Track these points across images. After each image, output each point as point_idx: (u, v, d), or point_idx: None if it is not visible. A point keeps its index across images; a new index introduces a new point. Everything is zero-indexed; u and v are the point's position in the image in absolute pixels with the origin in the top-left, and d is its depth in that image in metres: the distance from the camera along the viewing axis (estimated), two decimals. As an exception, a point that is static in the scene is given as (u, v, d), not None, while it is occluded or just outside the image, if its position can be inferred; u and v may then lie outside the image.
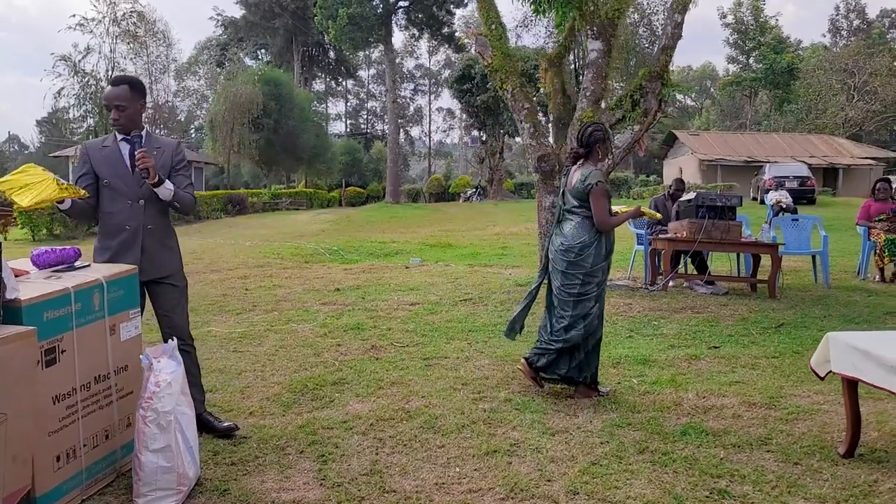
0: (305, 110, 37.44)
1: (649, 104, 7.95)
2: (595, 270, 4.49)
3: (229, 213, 27.82)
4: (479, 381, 4.74)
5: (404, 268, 10.73)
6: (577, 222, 4.51)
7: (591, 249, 4.47)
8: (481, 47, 8.73)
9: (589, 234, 4.49)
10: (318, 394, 4.47)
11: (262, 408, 4.22)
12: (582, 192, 4.47)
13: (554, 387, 4.61)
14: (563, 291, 4.50)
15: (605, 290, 4.63)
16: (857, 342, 3.43)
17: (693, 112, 69.58)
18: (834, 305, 7.53)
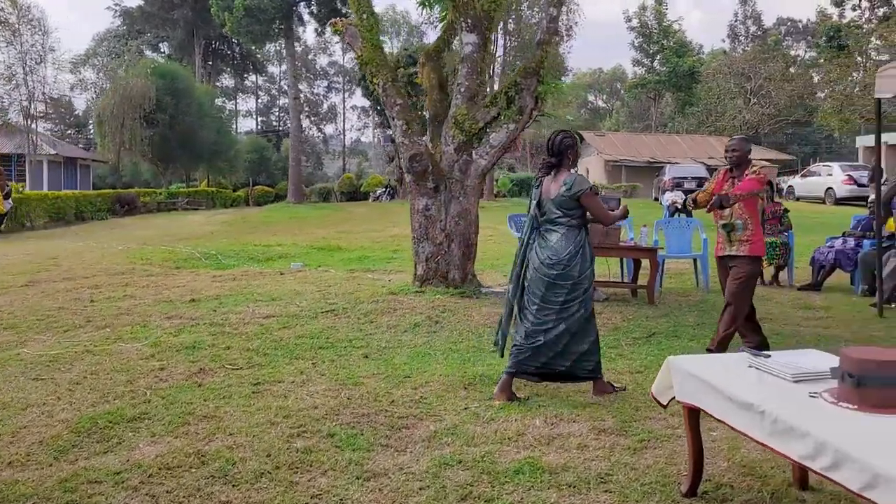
0: (205, 106, 35.84)
1: (524, 102, 7.56)
2: (582, 279, 4.51)
3: (117, 213, 26.24)
4: (306, 411, 4.17)
5: (279, 274, 10.04)
6: (562, 233, 4.52)
7: (578, 258, 4.49)
8: (351, 38, 8.16)
9: (574, 243, 4.51)
10: (106, 434, 3.80)
11: (30, 455, 3.52)
12: (568, 201, 4.49)
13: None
14: (547, 301, 4.49)
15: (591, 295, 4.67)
16: (696, 370, 3.05)
17: (604, 113, 71.01)
18: (709, 312, 7.33)
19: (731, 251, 5.41)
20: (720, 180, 5.52)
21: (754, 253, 5.36)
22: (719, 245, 5.53)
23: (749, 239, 5.33)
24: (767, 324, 6.75)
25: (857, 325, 6.75)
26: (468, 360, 5.37)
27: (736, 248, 5.39)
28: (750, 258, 5.36)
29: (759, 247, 5.39)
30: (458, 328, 6.37)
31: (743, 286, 5.36)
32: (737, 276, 5.37)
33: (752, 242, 5.34)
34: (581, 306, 4.50)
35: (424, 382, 4.80)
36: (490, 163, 7.72)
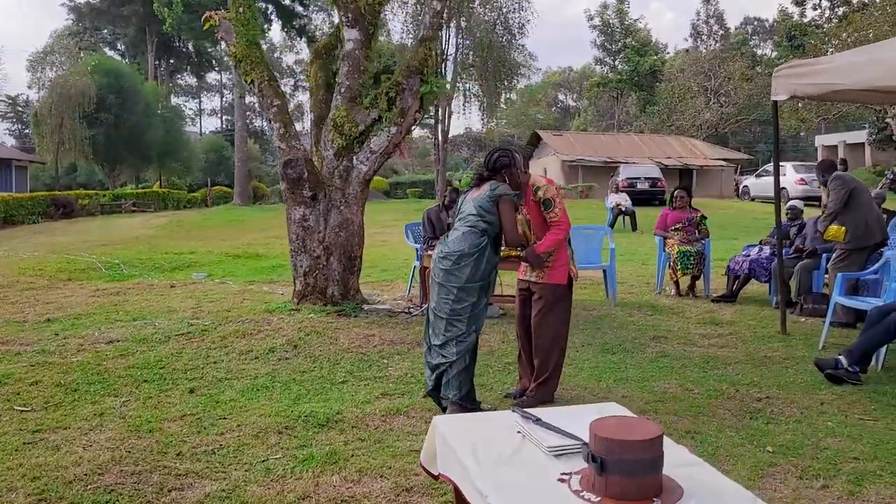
0: (153, 105, 34.84)
1: (406, 103, 6.97)
2: (469, 288, 4.21)
3: (52, 217, 25.23)
4: (66, 469, 3.54)
5: (170, 287, 9.36)
6: (463, 231, 4.30)
7: (470, 261, 4.22)
8: (226, 33, 7.52)
9: (470, 244, 4.24)
10: None
11: None
12: (486, 201, 4.30)
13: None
14: (439, 307, 4.29)
15: (481, 316, 4.33)
16: (453, 436, 2.48)
17: (574, 112, 70.77)
18: (606, 328, 6.82)
19: (531, 276, 4.73)
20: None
21: (555, 281, 4.65)
22: (522, 267, 4.85)
23: (551, 264, 4.65)
24: (661, 343, 6.27)
25: (756, 344, 6.27)
26: (304, 396, 4.78)
27: (536, 274, 4.68)
28: (551, 286, 4.65)
29: (562, 273, 4.66)
30: (317, 354, 5.77)
31: (545, 318, 4.65)
32: (538, 307, 4.68)
33: (553, 268, 4.64)
34: (468, 326, 4.25)
35: (237, 426, 4.20)
36: (371, 169, 7.11)
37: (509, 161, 4.44)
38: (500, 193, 4.31)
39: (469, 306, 4.27)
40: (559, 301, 4.67)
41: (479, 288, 4.27)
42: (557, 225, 4.62)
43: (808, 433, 4.16)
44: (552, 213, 4.61)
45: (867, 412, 4.52)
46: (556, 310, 4.66)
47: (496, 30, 29.50)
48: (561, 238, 4.65)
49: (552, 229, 4.62)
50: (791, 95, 5.74)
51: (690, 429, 4.22)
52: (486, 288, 4.32)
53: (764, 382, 5.17)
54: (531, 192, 4.64)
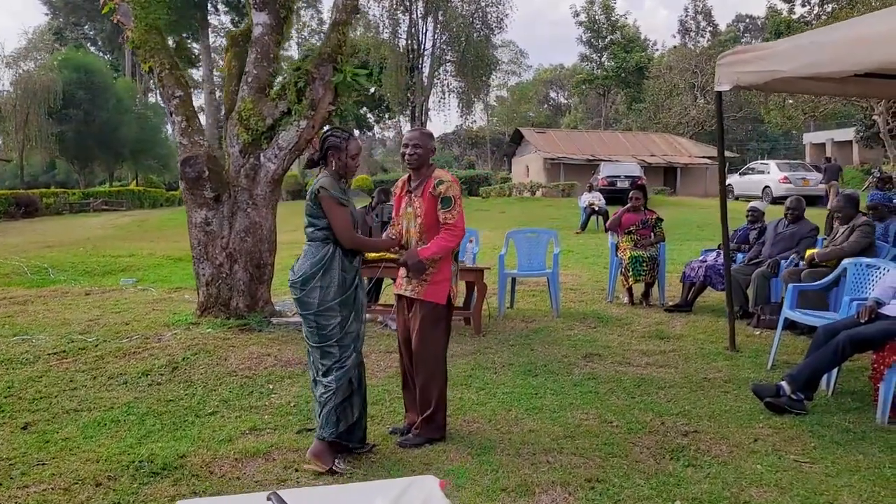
0: (125, 101, 34.01)
1: (317, 94, 6.27)
2: (327, 311, 3.59)
3: (13, 216, 24.46)
4: None
5: (84, 294, 8.66)
6: (305, 249, 3.72)
7: (316, 283, 3.60)
8: (123, 17, 6.83)
9: (312, 263, 3.62)
10: None
11: None
12: (311, 206, 3.67)
13: None
14: (309, 338, 3.70)
15: (353, 333, 3.69)
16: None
17: (566, 109, 70.06)
18: (537, 344, 6.15)
19: (406, 289, 4.02)
20: (398, 196, 4.15)
21: (432, 298, 3.94)
22: (400, 274, 4.11)
23: (430, 278, 3.94)
24: (593, 362, 5.60)
25: (699, 363, 5.60)
26: (155, 433, 4.10)
27: (413, 287, 3.98)
28: (428, 304, 3.94)
29: (442, 290, 3.95)
30: (195, 378, 5.08)
31: (423, 338, 3.95)
32: (416, 324, 3.97)
33: (433, 283, 3.94)
34: (340, 349, 3.66)
35: (50, 475, 3.52)
36: (281, 167, 6.42)
37: (338, 142, 3.76)
38: (317, 188, 3.64)
39: (336, 328, 3.64)
40: (437, 322, 3.97)
41: (340, 304, 3.62)
42: (451, 229, 3.92)
43: (730, 481, 3.50)
44: (449, 213, 3.91)
45: (806, 451, 3.86)
46: (435, 332, 3.97)
47: (473, 24, 28.80)
48: (452, 246, 3.96)
49: (444, 233, 3.92)
50: (734, 85, 5.08)
51: (594, 475, 3.56)
52: (349, 302, 3.65)
53: (696, 412, 4.51)
54: (432, 184, 3.93)
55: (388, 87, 29.70)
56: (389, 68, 29.09)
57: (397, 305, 4.18)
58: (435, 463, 3.70)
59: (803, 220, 7.22)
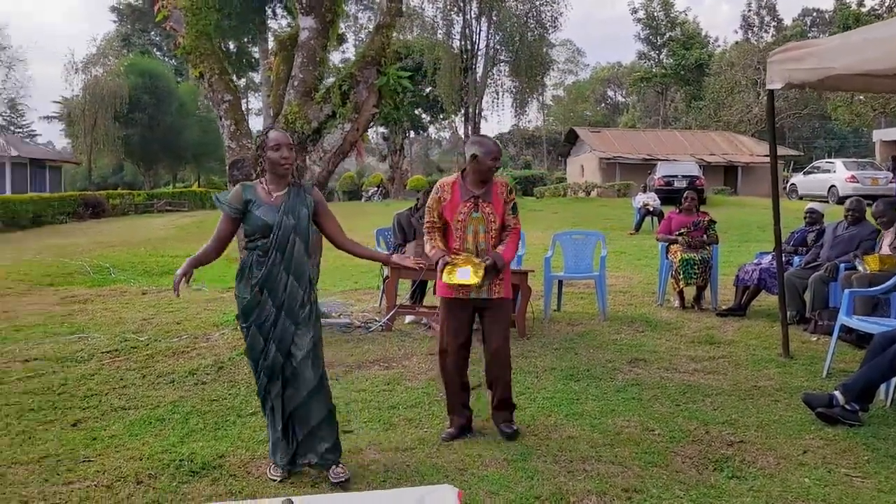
0: (188, 105, 34.96)
1: (360, 97, 6.31)
2: (243, 311, 3.49)
3: (82, 217, 25.35)
4: None
5: (141, 293, 8.92)
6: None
7: (239, 284, 3.53)
8: (176, 23, 6.99)
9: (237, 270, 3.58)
10: None
11: None
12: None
13: None
14: None
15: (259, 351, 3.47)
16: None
17: (623, 108, 69.02)
18: (579, 348, 6.06)
19: (483, 292, 4.03)
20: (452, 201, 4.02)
21: (507, 295, 4.16)
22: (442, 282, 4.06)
23: (503, 278, 4.08)
24: (638, 368, 5.48)
25: (749, 370, 5.43)
26: (198, 432, 4.18)
27: (491, 288, 4.02)
28: (507, 301, 4.17)
29: (508, 288, 4.15)
30: (239, 378, 5.17)
31: (507, 336, 4.16)
32: (501, 325, 4.13)
33: (504, 282, 4.10)
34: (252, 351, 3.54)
35: (94, 472, 3.61)
36: (325, 170, 6.49)
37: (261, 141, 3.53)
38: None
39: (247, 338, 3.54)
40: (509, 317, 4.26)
41: (251, 308, 3.46)
42: (517, 232, 4.17)
43: (775, 494, 3.37)
44: (516, 218, 4.14)
45: (858, 465, 3.69)
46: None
47: (528, 24, 28.60)
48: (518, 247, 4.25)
49: (513, 236, 4.11)
50: (786, 83, 4.90)
51: (631, 485, 3.47)
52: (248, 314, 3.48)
53: (743, 421, 4.37)
54: (499, 190, 4.05)
55: (442, 88, 29.78)
56: (444, 69, 29.16)
57: (451, 310, 4.10)
58: (470, 468, 3.67)
59: (864, 223, 6.93)
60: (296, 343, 3.46)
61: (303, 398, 3.47)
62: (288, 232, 3.41)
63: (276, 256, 3.40)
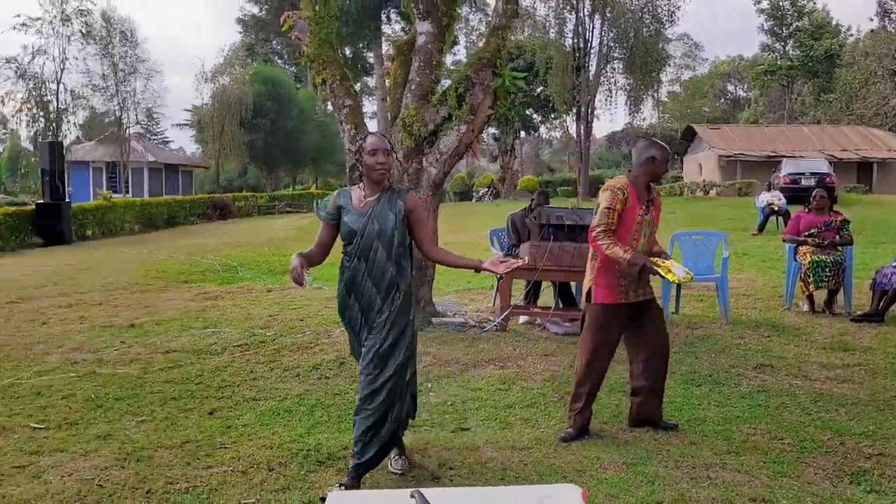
0: (307, 110, 36.35)
1: (476, 98, 6.37)
2: (339, 311, 3.67)
3: (211, 218, 26.86)
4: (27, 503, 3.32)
5: (266, 291, 9.37)
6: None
7: (338, 285, 3.60)
8: (300, 32, 7.29)
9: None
10: None
11: None
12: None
13: None
14: None
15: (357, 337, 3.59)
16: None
17: (744, 103, 66.03)
18: (700, 352, 5.88)
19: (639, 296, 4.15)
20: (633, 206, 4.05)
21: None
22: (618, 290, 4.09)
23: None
24: (764, 374, 5.27)
25: (889, 380, 5.10)
26: (322, 424, 4.36)
27: (647, 290, 4.19)
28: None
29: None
30: (360, 373, 5.33)
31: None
32: (657, 324, 4.25)
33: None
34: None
35: (231, 458, 3.84)
36: (442, 171, 6.60)
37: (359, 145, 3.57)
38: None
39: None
40: None
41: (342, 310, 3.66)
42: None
43: (920, 513, 3.16)
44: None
45: None
46: None
47: (643, 19, 27.90)
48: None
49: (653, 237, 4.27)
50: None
51: (759, 495, 3.35)
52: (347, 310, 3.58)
53: (882, 433, 4.12)
54: (655, 192, 4.22)
55: (553, 87, 29.55)
56: (555, 68, 28.92)
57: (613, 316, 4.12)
58: (588, 470, 3.65)
59: None
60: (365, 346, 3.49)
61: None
62: (371, 239, 3.40)
63: (360, 262, 3.42)
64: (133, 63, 28.11)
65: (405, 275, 3.50)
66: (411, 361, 3.57)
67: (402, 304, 3.47)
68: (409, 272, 3.54)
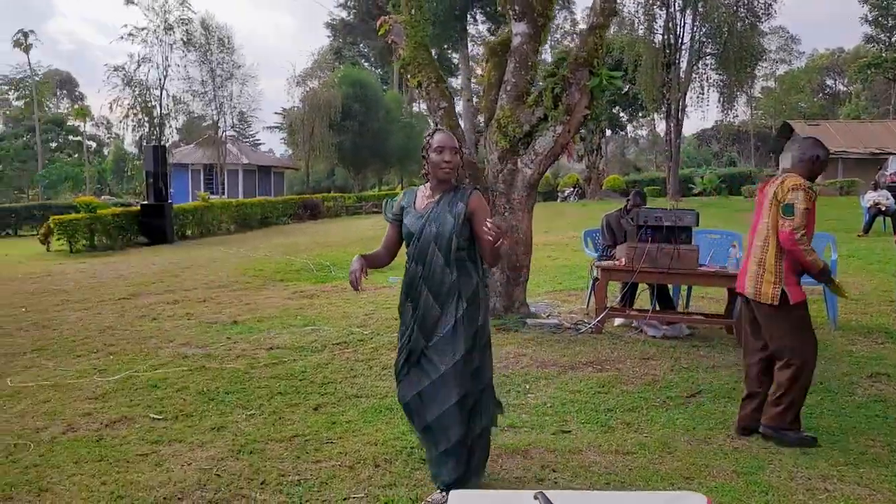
0: (393, 112, 36.87)
1: (573, 99, 6.32)
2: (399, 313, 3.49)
3: (301, 218, 27.61)
4: (151, 490, 3.51)
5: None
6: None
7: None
8: (396, 36, 7.42)
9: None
10: (-80, 502, 3.42)
11: None
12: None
13: None
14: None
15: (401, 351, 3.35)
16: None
17: (845, 98, 62.93)
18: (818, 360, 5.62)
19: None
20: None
21: None
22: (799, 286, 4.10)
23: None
24: (880, 383, 5.03)
25: None
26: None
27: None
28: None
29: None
30: (458, 373, 5.38)
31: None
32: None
33: None
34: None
35: (338, 453, 3.95)
36: (537, 172, 6.57)
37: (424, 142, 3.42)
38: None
39: None
40: None
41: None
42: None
43: None
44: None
45: None
46: None
47: (737, 13, 26.97)
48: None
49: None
50: None
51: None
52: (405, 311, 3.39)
53: None
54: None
55: (642, 85, 28.95)
56: (644, 65, 28.33)
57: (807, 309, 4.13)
58: (696, 478, 3.57)
59: None
60: (423, 363, 3.21)
61: (428, 422, 3.22)
62: (427, 242, 3.18)
63: (417, 266, 3.21)
64: (230, 69, 29.29)
65: (468, 282, 3.20)
66: (484, 371, 3.28)
67: (467, 313, 3.17)
68: (476, 279, 3.24)
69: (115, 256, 15.85)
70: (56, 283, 11.14)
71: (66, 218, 17.12)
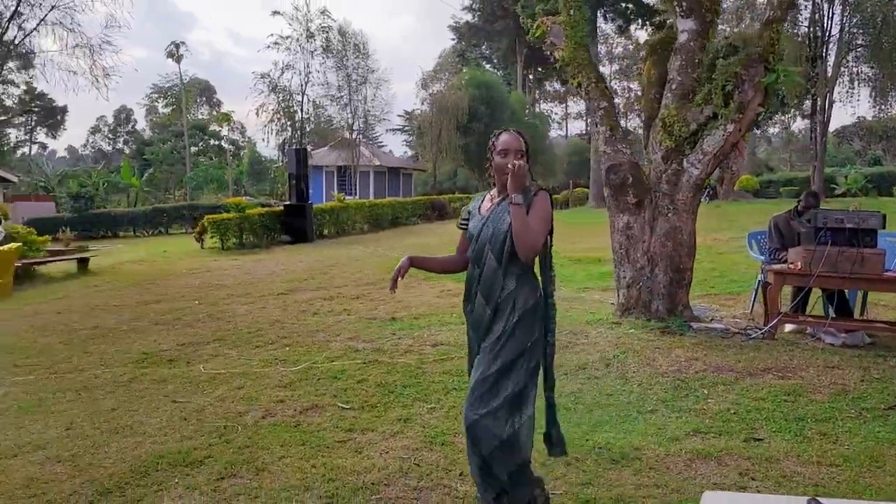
0: (518, 113, 36.89)
1: (746, 96, 6.11)
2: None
3: (430, 219, 28.12)
4: (356, 476, 3.70)
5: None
6: None
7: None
8: (555, 37, 7.44)
9: None
10: (159, 477, 3.75)
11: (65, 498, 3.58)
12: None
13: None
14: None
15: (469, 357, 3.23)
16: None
17: None
18: None
19: None
20: None
21: None
22: None
23: None
24: None
25: None
26: (604, 424, 4.42)
27: None
28: None
29: None
30: (629, 375, 5.34)
31: None
32: None
33: None
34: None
35: (526, 449, 4.01)
36: (704, 172, 6.40)
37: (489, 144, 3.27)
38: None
39: None
40: None
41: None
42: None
43: None
44: None
45: None
46: None
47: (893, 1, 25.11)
48: None
49: None
50: None
51: None
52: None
53: None
54: None
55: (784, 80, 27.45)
56: (786, 59, 26.88)
57: None
58: None
59: None
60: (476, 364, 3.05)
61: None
62: (483, 243, 3.04)
63: (474, 269, 3.08)
64: (364, 73, 30.22)
65: (525, 290, 2.98)
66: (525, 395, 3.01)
67: (519, 324, 2.94)
68: (535, 287, 3.02)
69: (262, 254, 16.71)
70: (217, 279, 11.89)
71: (218, 217, 18.23)
